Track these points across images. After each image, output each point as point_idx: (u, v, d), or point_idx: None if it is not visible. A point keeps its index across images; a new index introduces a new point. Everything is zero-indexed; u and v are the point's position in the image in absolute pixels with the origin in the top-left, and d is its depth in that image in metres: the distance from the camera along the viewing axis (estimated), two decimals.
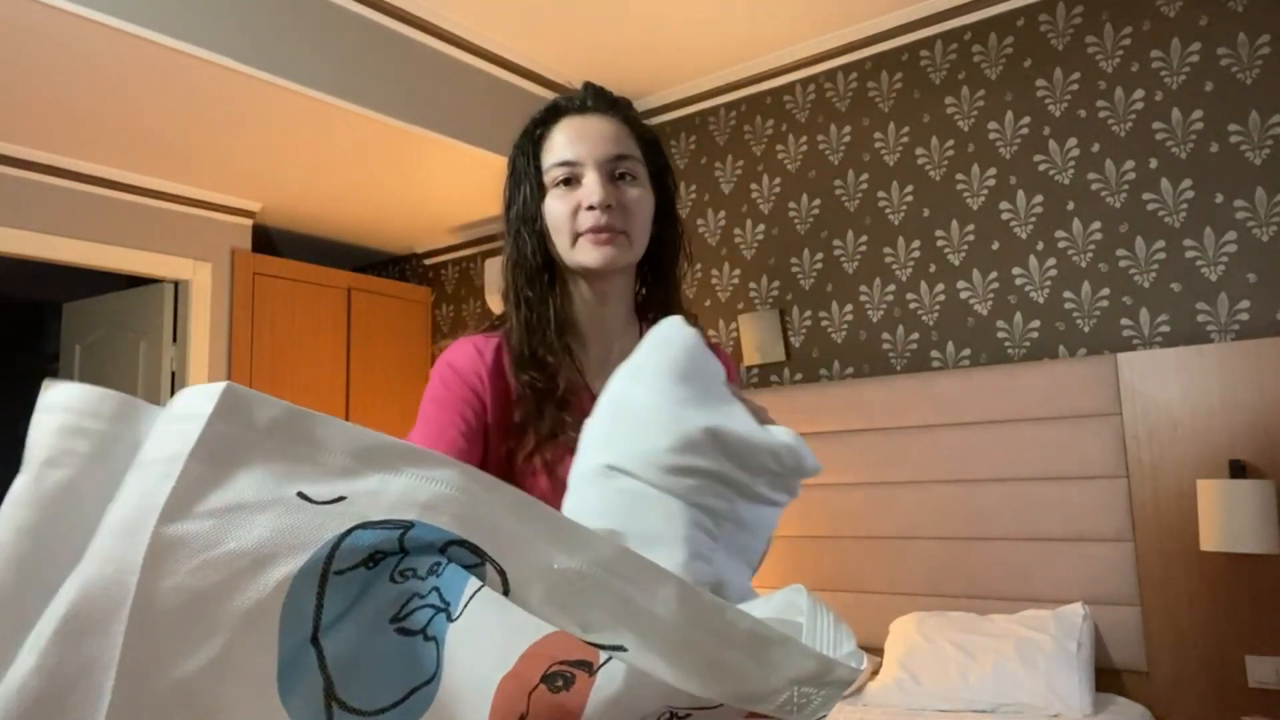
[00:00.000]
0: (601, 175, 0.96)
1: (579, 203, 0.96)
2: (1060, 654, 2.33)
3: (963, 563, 2.75)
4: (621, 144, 0.99)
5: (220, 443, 0.49)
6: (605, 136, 0.98)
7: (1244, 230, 2.52)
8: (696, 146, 3.71)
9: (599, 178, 0.96)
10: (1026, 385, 2.70)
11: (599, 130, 0.98)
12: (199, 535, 0.46)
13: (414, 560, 0.52)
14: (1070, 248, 2.79)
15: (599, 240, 0.95)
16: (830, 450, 3.05)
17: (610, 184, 0.96)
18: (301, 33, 2.67)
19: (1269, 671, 2.26)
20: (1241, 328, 2.50)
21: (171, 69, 2.51)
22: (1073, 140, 2.81)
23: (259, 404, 0.51)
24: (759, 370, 3.42)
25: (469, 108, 3.17)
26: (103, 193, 3.32)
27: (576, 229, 0.96)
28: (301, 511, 0.49)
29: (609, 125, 0.99)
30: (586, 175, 0.96)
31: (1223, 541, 2.25)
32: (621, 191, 0.97)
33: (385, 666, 0.51)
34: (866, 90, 3.26)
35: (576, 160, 0.97)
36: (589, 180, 0.96)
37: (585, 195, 0.95)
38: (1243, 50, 2.55)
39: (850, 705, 2.50)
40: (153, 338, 3.56)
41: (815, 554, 3.05)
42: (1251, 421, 2.36)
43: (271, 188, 3.57)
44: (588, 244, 0.96)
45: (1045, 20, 2.89)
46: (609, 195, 0.95)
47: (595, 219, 0.95)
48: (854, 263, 3.23)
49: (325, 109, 2.79)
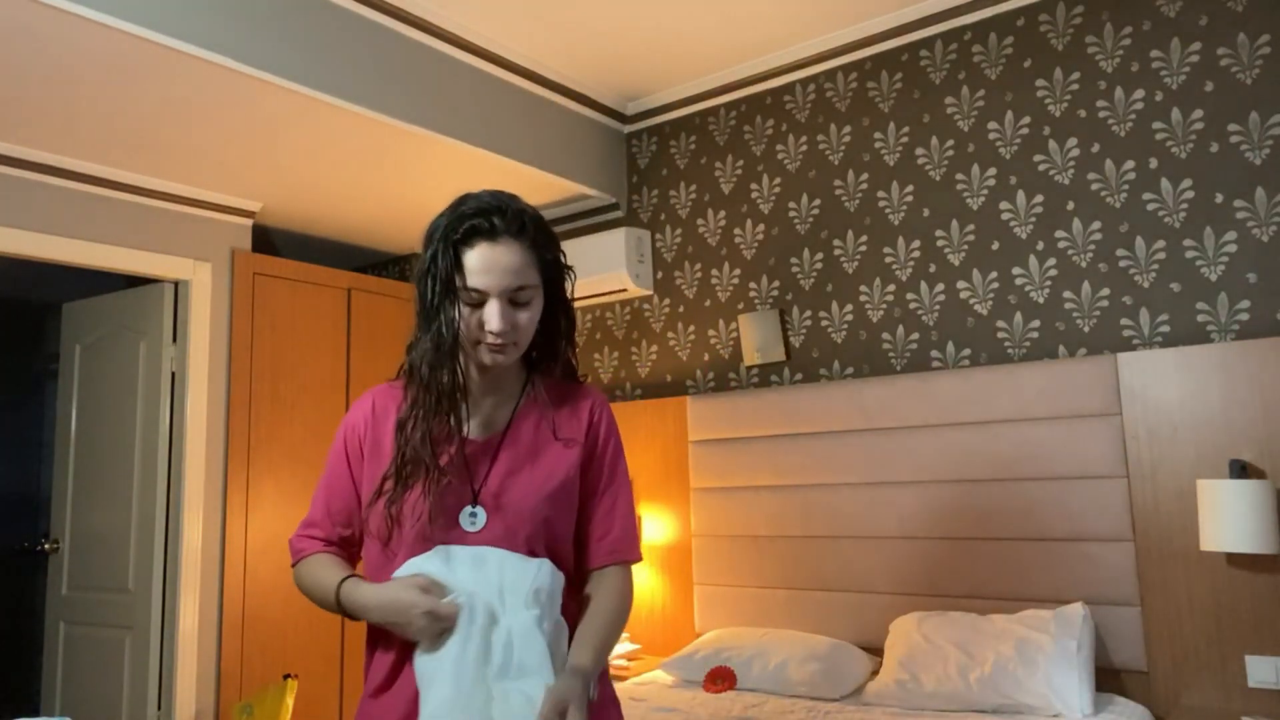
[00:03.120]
0: (502, 303, 1.25)
1: (482, 322, 1.25)
2: (1060, 654, 2.33)
3: (963, 563, 2.75)
4: (521, 275, 1.26)
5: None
6: (509, 269, 1.24)
7: (1244, 230, 2.52)
8: (696, 146, 3.71)
9: (499, 306, 1.24)
10: (1026, 385, 2.70)
11: (505, 262, 1.24)
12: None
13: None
14: (1070, 248, 2.79)
15: (493, 349, 1.27)
16: (830, 450, 3.06)
17: (507, 307, 1.25)
18: (302, 33, 2.67)
19: (1269, 671, 2.26)
20: (1241, 328, 2.50)
21: (172, 69, 2.51)
22: (1073, 140, 2.81)
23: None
24: (759, 370, 3.43)
25: (469, 108, 3.17)
26: (103, 193, 3.32)
27: (477, 339, 1.26)
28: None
29: (513, 256, 1.25)
30: (490, 304, 1.25)
31: (1223, 541, 2.25)
32: (515, 315, 1.27)
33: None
34: (866, 90, 3.26)
35: (484, 289, 1.24)
36: (491, 309, 1.24)
37: (487, 321, 1.25)
38: (1243, 50, 2.55)
39: (850, 705, 2.50)
40: (153, 338, 3.56)
41: (815, 554, 3.05)
42: (1251, 421, 2.36)
43: (271, 188, 3.57)
44: (485, 350, 1.27)
45: (1045, 20, 2.89)
46: (506, 323, 1.25)
47: (492, 339, 1.25)
48: (854, 263, 3.23)
49: (325, 109, 2.78)
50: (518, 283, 1.25)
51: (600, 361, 3.92)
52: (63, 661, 3.63)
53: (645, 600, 3.49)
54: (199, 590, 3.40)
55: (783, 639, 2.84)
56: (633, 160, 3.92)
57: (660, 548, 3.44)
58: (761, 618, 3.12)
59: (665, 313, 3.73)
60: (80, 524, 3.68)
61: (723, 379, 3.53)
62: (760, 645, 2.81)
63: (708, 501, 3.33)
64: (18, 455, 5.18)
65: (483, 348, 1.27)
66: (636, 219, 3.87)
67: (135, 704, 3.36)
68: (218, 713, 3.39)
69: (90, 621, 3.56)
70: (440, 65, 3.10)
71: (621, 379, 3.84)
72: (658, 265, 3.77)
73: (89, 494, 3.67)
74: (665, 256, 3.75)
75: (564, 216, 4.00)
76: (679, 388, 3.64)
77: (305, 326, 3.81)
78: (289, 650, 3.59)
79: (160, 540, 3.42)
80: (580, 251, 3.66)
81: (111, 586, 3.51)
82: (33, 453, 5.21)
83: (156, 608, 3.39)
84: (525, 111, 3.42)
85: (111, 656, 3.46)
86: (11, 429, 5.18)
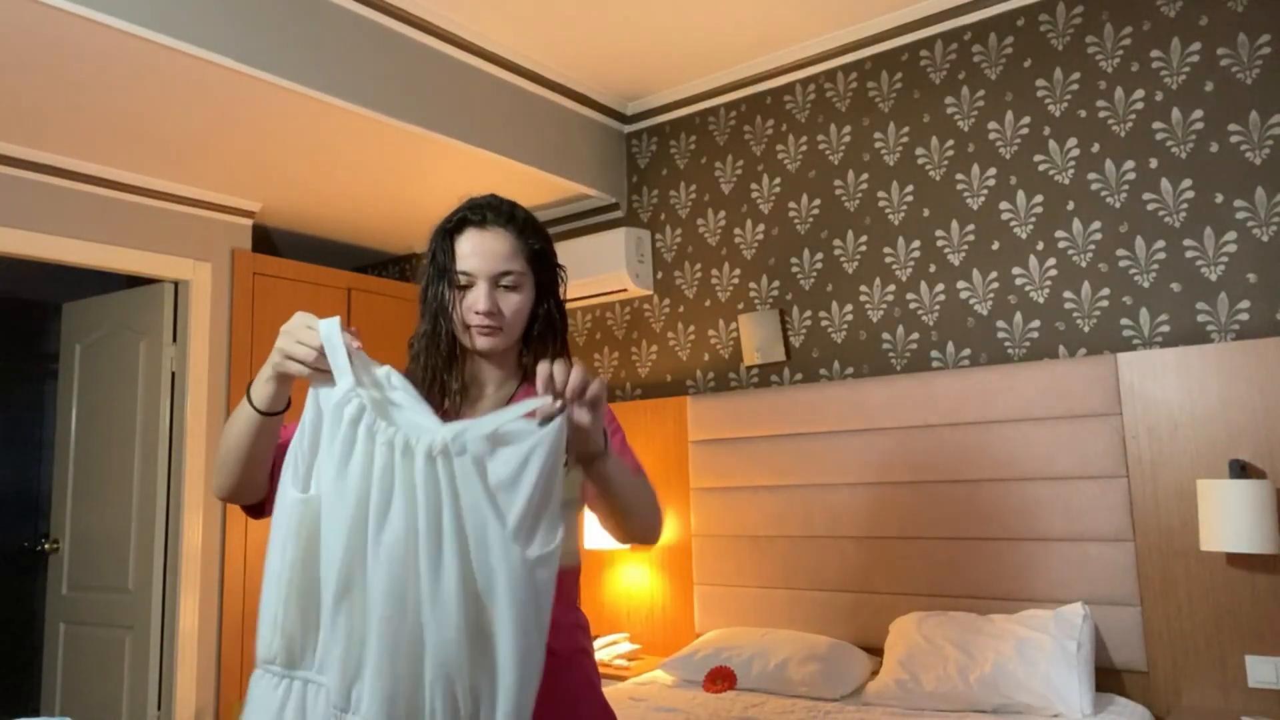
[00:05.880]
0: (489, 285, 1.30)
1: (471, 305, 1.31)
2: (1060, 654, 2.33)
3: (963, 563, 2.75)
4: (508, 260, 1.32)
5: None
6: (496, 254, 1.31)
7: (1244, 230, 2.52)
8: (696, 146, 3.71)
9: (486, 288, 1.30)
10: (1026, 385, 2.70)
11: (492, 247, 1.31)
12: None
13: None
14: (1070, 248, 2.79)
15: (482, 333, 1.32)
16: (830, 450, 3.06)
17: (494, 291, 1.31)
18: (302, 33, 2.67)
19: (1269, 671, 2.26)
20: (1241, 328, 2.50)
21: (172, 69, 2.51)
22: (1073, 140, 2.81)
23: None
24: (759, 370, 3.43)
25: (469, 107, 3.17)
26: (103, 193, 3.32)
27: (468, 322, 1.32)
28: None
29: (501, 242, 1.32)
30: (478, 285, 1.30)
31: (1223, 541, 2.25)
32: (502, 298, 1.32)
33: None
34: (866, 90, 3.26)
35: (473, 272, 1.31)
36: (479, 289, 1.30)
37: (475, 302, 1.30)
38: (1243, 50, 2.55)
39: (850, 705, 2.50)
40: (153, 338, 3.56)
41: (815, 554, 3.05)
42: (1251, 421, 2.36)
43: (271, 188, 3.57)
44: (475, 333, 1.32)
45: (1045, 20, 2.89)
46: (491, 304, 1.30)
47: (480, 319, 1.30)
48: (854, 263, 3.23)
49: (325, 109, 2.79)
50: (504, 267, 1.31)
51: (600, 361, 3.91)
52: (63, 661, 3.63)
53: (645, 600, 3.49)
54: (199, 590, 3.40)
55: (783, 639, 2.84)
56: (633, 160, 3.92)
57: (660, 548, 3.44)
58: (761, 618, 3.12)
59: (665, 313, 3.73)
60: (80, 524, 3.68)
61: (723, 379, 3.53)
62: (760, 645, 2.81)
63: (708, 501, 3.33)
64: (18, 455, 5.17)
65: (473, 330, 1.32)
66: (636, 219, 3.87)
67: (135, 704, 3.36)
68: (218, 712, 3.39)
69: (90, 621, 3.57)
70: (440, 65, 3.10)
71: (621, 379, 3.84)
72: (658, 265, 3.77)
73: (89, 494, 3.67)
74: (665, 256, 3.75)
75: (564, 216, 4.00)
76: (679, 388, 3.64)
77: None
78: None
79: (160, 540, 3.42)
80: (580, 251, 3.66)
81: (111, 586, 3.52)
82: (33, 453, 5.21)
83: (156, 607, 3.39)
84: (525, 111, 3.42)
85: (111, 656, 3.46)
86: (11, 429, 5.18)
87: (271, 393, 1.18)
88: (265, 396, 1.18)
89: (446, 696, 1.02)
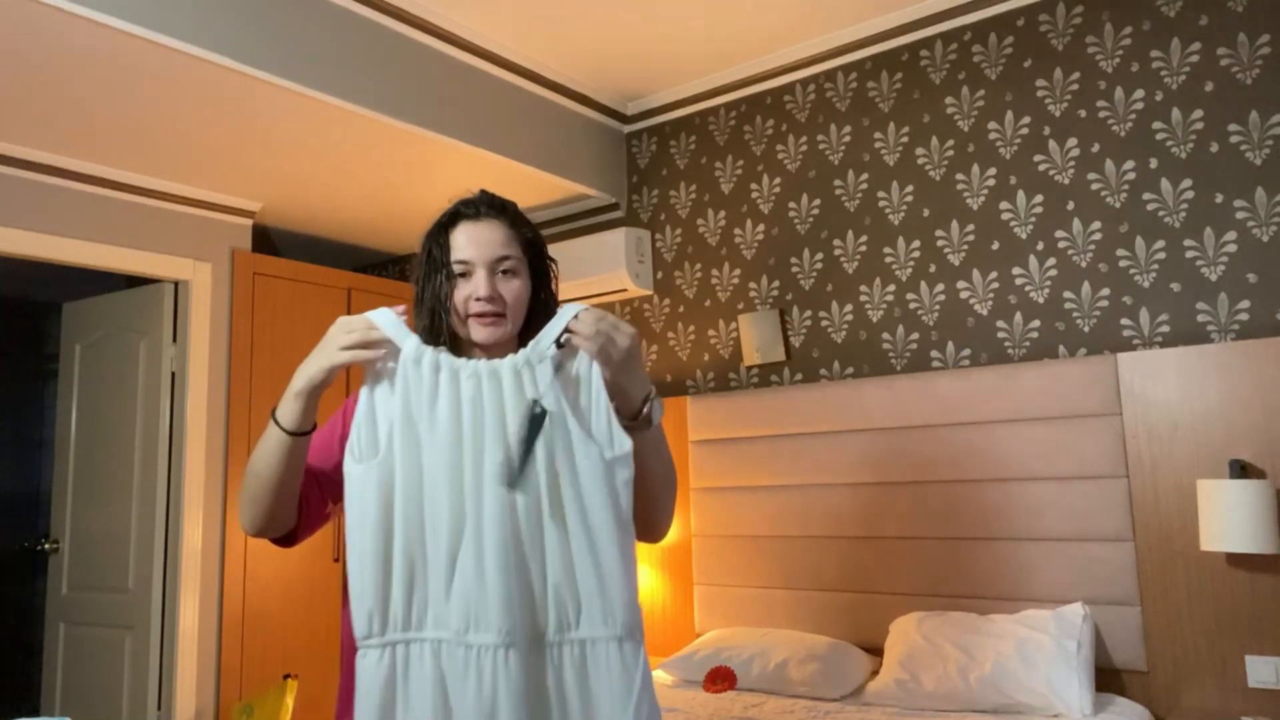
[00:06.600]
0: (488, 272, 1.30)
1: (470, 293, 1.30)
2: (1060, 654, 2.33)
3: (963, 563, 2.75)
4: (505, 247, 1.32)
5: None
6: (492, 241, 1.31)
7: (1244, 230, 2.52)
8: (696, 146, 3.71)
9: (485, 274, 1.30)
10: (1026, 385, 2.70)
11: (487, 236, 1.32)
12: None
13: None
14: (1070, 248, 2.79)
15: (483, 322, 1.30)
16: (830, 450, 3.06)
17: (493, 277, 1.30)
18: (302, 33, 2.67)
19: (1269, 671, 2.26)
20: (1241, 328, 2.50)
21: (172, 69, 2.51)
22: (1073, 140, 2.81)
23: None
24: (759, 370, 3.43)
25: (469, 108, 3.17)
26: (103, 193, 3.32)
27: (468, 312, 1.31)
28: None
29: (496, 231, 1.32)
30: (476, 273, 1.30)
31: (1223, 541, 2.25)
32: (502, 284, 1.31)
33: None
34: (866, 90, 3.26)
35: (470, 260, 1.30)
36: (478, 276, 1.30)
37: (474, 288, 1.29)
38: (1243, 50, 2.55)
39: (850, 705, 2.50)
40: (153, 338, 3.56)
41: (815, 554, 3.05)
42: (1251, 421, 2.36)
43: (271, 188, 3.57)
44: (475, 324, 1.31)
45: (1045, 20, 2.89)
46: (492, 289, 1.30)
47: (481, 306, 1.29)
48: (854, 263, 3.23)
49: (325, 109, 2.79)
50: (500, 253, 1.32)
51: None
52: (63, 661, 3.63)
53: (645, 600, 3.49)
54: (199, 590, 3.40)
55: (783, 639, 2.84)
56: (633, 160, 3.92)
57: (660, 548, 3.44)
58: (761, 618, 3.12)
59: (665, 313, 3.73)
60: (80, 524, 3.68)
61: (723, 379, 3.53)
62: (760, 645, 2.81)
63: (708, 501, 3.33)
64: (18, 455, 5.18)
65: (473, 321, 1.31)
66: (636, 219, 3.87)
67: (135, 704, 3.36)
68: (218, 712, 3.39)
69: (90, 621, 3.57)
70: (440, 65, 3.10)
71: None
72: (658, 265, 3.77)
73: (89, 494, 3.67)
74: (665, 256, 3.75)
75: (564, 216, 4.00)
76: (679, 388, 3.64)
77: (305, 327, 3.81)
78: (289, 650, 3.59)
79: (160, 540, 3.42)
80: (580, 251, 3.66)
81: (111, 586, 3.52)
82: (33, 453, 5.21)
83: (156, 607, 3.39)
84: (525, 112, 3.42)
85: (111, 656, 3.46)
86: (11, 429, 5.19)
87: (299, 410, 1.19)
88: (293, 415, 1.19)
89: (558, 600, 1.12)
